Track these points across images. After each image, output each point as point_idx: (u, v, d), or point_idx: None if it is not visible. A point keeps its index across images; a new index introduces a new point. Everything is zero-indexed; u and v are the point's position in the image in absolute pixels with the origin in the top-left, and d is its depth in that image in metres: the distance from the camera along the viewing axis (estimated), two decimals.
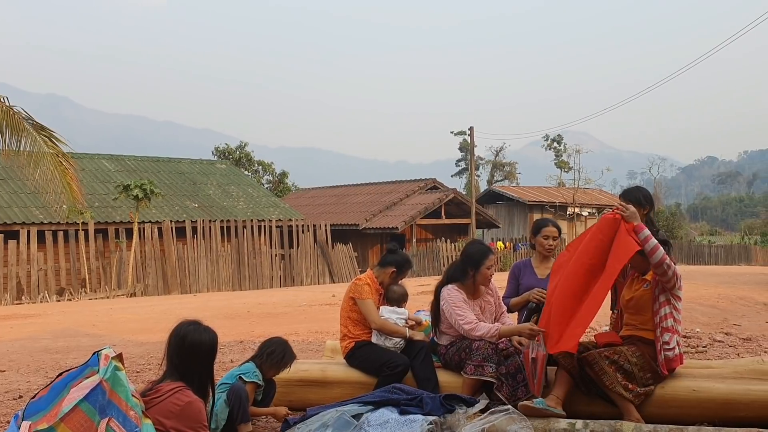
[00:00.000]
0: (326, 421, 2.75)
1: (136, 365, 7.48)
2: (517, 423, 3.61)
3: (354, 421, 2.72)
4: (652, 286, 4.59)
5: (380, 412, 2.78)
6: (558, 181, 55.88)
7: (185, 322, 3.53)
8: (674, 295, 4.55)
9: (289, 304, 14.59)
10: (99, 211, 23.23)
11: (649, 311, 4.56)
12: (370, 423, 2.72)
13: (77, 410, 2.86)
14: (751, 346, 7.72)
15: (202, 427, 3.21)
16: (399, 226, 30.47)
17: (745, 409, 4.25)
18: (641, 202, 5.14)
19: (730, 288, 16.57)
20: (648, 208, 5.18)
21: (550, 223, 5.57)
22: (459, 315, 4.83)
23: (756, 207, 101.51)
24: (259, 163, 47.44)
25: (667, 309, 4.51)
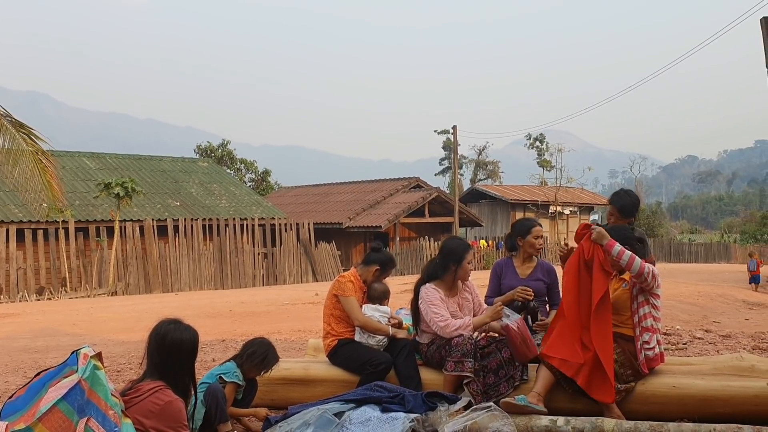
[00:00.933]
0: (308, 420, 2.74)
1: (117, 364, 7.42)
2: (499, 420, 3.62)
3: (336, 420, 2.71)
4: (630, 285, 4.63)
5: (362, 410, 2.77)
6: (540, 179, 56.13)
7: (165, 321, 3.50)
8: (653, 294, 4.59)
9: (272, 302, 14.54)
10: (80, 209, 23.02)
11: (628, 310, 4.60)
12: (351, 421, 2.71)
13: (55, 410, 2.82)
14: (730, 342, 7.80)
15: (182, 426, 3.19)
16: (382, 224, 30.48)
17: (724, 405, 4.29)
18: (624, 211, 5.18)
19: (710, 286, 16.76)
20: (633, 217, 5.22)
21: (535, 222, 5.56)
22: (435, 313, 4.84)
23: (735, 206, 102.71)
24: (242, 162, 47.21)
25: (647, 308, 4.55)
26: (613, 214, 5.22)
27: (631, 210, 5.18)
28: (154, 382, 3.27)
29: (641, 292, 4.58)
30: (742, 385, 4.32)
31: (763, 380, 4.33)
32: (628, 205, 5.15)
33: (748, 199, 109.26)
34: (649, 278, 4.46)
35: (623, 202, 5.14)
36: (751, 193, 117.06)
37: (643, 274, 4.43)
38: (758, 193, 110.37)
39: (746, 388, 4.30)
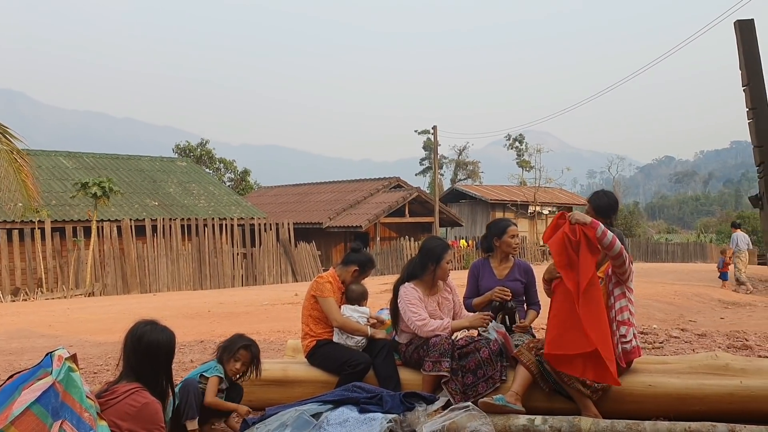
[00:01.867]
0: (285, 421, 2.72)
1: (94, 366, 7.35)
2: (477, 420, 3.63)
3: (313, 421, 2.70)
4: (606, 281, 4.66)
5: (340, 411, 2.76)
6: (520, 180, 56.46)
7: (142, 322, 3.47)
8: (628, 288, 4.63)
9: (251, 303, 14.48)
10: (56, 209, 22.74)
11: (605, 306, 4.62)
12: (329, 422, 2.71)
13: (28, 413, 2.78)
14: (705, 341, 7.89)
15: (159, 428, 3.16)
16: (363, 224, 30.46)
17: (699, 403, 4.34)
18: (599, 210, 5.22)
19: (687, 285, 16.95)
20: (611, 218, 5.25)
21: (510, 222, 5.59)
22: (413, 312, 4.86)
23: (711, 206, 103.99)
24: (221, 161, 46.94)
25: (623, 302, 4.58)
26: (590, 213, 5.26)
27: (607, 210, 5.22)
28: (130, 383, 3.24)
29: (617, 285, 4.61)
30: (717, 384, 4.38)
31: (738, 378, 4.39)
32: (604, 205, 5.19)
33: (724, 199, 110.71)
34: (626, 264, 4.50)
35: (599, 201, 5.18)
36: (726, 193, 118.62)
37: (622, 256, 4.46)
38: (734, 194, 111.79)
39: (721, 386, 4.35)
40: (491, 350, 4.78)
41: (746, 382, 4.32)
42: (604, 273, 4.69)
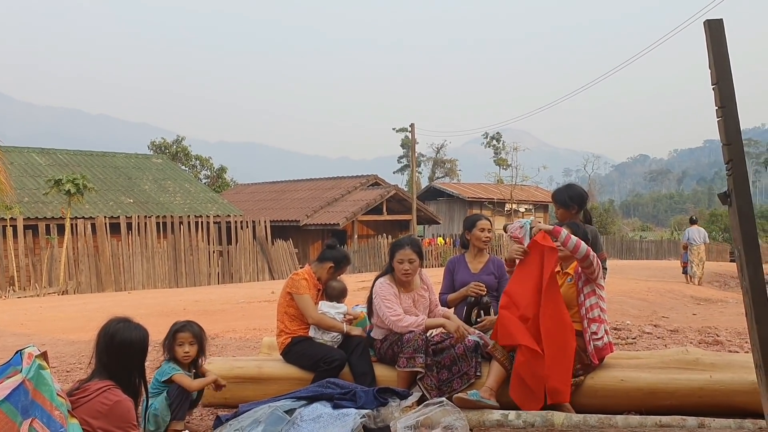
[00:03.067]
0: (258, 417, 2.72)
1: (67, 364, 7.26)
2: (451, 415, 3.65)
3: (287, 417, 2.69)
4: (576, 279, 4.71)
5: (313, 407, 2.77)
6: (497, 178, 56.74)
7: (114, 320, 3.44)
8: (598, 285, 4.68)
9: (227, 301, 14.39)
10: (29, 206, 22.43)
11: (575, 305, 4.67)
12: (303, 418, 2.70)
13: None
14: (678, 337, 8.00)
15: (131, 426, 3.13)
16: (340, 222, 30.42)
17: (669, 397, 4.40)
18: (566, 203, 5.26)
19: (660, 282, 17.17)
20: (575, 208, 5.29)
21: (482, 216, 5.66)
22: (387, 308, 4.88)
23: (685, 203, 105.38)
24: (197, 158, 46.52)
25: (593, 299, 4.63)
26: (558, 209, 5.31)
27: (572, 199, 5.25)
28: (102, 381, 3.20)
29: (587, 283, 4.66)
30: (687, 378, 4.44)
31: (708, 373, 4.46)
32: (567, 197, 5.22)
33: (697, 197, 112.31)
34: (594, 264, 4.55)
35: (561, 196, 5.21)
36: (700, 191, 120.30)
37: (588, 257, 4.51)
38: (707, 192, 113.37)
39: (691, 380, 4.42)
40: (466, 346, 4.82)
41: (716, 377, 4.39)
42: (574, 271, 4.74)
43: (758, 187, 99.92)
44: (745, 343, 7.28)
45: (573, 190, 5.31)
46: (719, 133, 3.46)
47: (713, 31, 3.42)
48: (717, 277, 20.47)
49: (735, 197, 3.40)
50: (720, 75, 3.38)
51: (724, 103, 3.40)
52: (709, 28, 3.42)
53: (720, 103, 3.41)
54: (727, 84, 3.39)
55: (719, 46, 3.39)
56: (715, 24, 3.41)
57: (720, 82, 3.38)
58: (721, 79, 3.38)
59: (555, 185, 60.11)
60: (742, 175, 3.42)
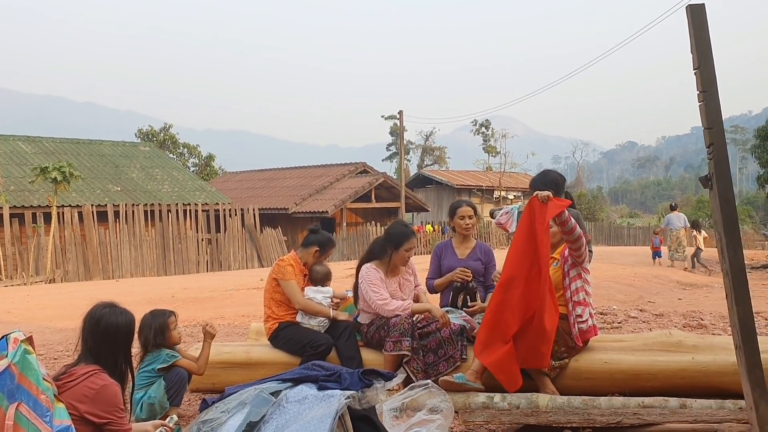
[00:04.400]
0: (244, 399, 2.74)
1: (55, 352, 7.26)
2: (436, 397, 3.69)
3: (272, 398, 2.72)
4: (562, 262, 4.75)
5: (299, 389, 2.79)
6: (486, 165, 56.81)
7: (100, 305, 3.43)
8: (584, 269, 4.73)
9: (216, 288, 14.40)
10: (14, 194, 22.28)
11: (560, 288, 4.72)
12: (288, 400, 2.73)
13: None
14: (662, 321, 8.09)
15: (118, 410, 3.13)
16: (329, 210, 30.40)
17: (652, 379, 4.46)
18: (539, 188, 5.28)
19: (646, 267, 17.31)
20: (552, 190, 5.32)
21: (464, 203, 5.68)
22: (374, 292, 4.92)
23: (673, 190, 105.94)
24: (185, 146, 46.26)
25: (579, 283, 4.68)
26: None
27: (547, 184, 5.26)
28: (88, 366, 3.20)
29: (573, 266, 4.70)
30: (670, 360, 4.51)
31: (690, 355, 4.53)
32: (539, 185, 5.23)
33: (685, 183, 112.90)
34: (583, 247, 4.60)
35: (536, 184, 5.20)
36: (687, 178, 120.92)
37: (580, 239, 4.56)
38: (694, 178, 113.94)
39: (673, 362, 4.49)
40: (452, 330, 4.86)
41: (698, 358, 4.46)
42: (560, 255, 4.78)
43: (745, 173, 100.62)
44: (728, 327, 7.37)
45: (547, 177, 5.32)
46: (701, 118, 3.49)
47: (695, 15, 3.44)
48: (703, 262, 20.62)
49: (716, 181, 3.44)
50: (701, 59, 3.41)
51: (706, 88, 3.43)
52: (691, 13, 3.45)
53: (701, 88, 3.44)
54: (709, 68, 3.42)
55: (701, 31, 3.41)
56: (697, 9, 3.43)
57: (701, 67, 3.41)
58: (703, 63, 3.41)
59: None
60: (723, 159, 3.46)
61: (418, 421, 3.57)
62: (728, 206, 3.45)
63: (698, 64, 3.42)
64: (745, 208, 51.06)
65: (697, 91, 3.47)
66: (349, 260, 25.18)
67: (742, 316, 3.34)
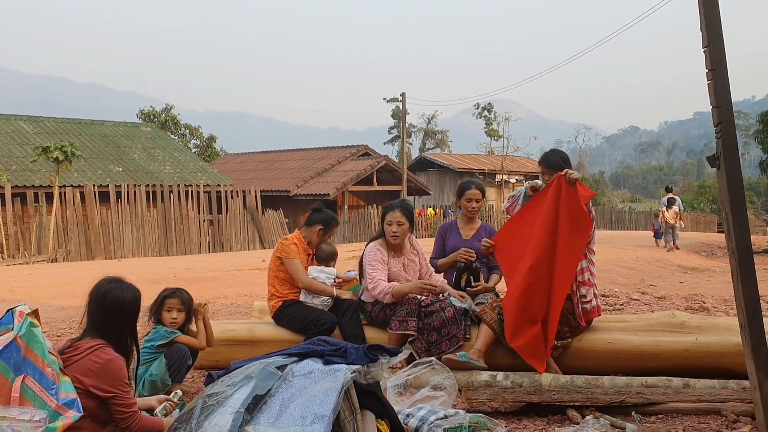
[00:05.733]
0: (250, 373, 2.74)
1: (57, 329, 7.29)
2: (439, 374, 3.70)
3: (278, 372, 2.72)
4: None
5: (305, 363, 2.79)
6: (488, 148, 56.65)
7: (106, 279, 3.43)
8: (590, 249, 4.72)
9: (218, 269, 14.42)
10: (16, 174, 22.27)
11: None
12: (294, 374, 2.73)
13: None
14: (664, 303, 8.10)
15: (122, 384, 3.14)
16: (330, 192, 30.38)
17: (655, 359, 4.47)
18: (559, 166, 5.27)
19: (648, 251, 17.32)
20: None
21: (473, 185, 5.63)
22: (368, 273, 4.98)
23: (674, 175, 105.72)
24: (186, 127, 46.10)
25: (584, 263, 4.67)
26: (544, 172, 5.31)
27: (560, 164, 5.26)
28: (94, 340, 3.21)
29: None
30: (673, 340, 4.51)
31: (693, 335, 4.53)
32: (556, 161, 5.22)
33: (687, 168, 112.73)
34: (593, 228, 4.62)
35: (551, 159, 5.20)
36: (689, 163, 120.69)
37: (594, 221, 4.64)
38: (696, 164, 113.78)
39: (677, 342, 4.49)
40: (456, 309, 4.86)
41: (701, 339, 4.46)
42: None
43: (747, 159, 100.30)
44: (731, 310, 7.38)
45: (563, 153, 5.32)
46: (709, 96, 3.46)
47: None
48: (704, 246, 20.68)
49: (723, 160, 3.41)
50: (711, 37, 3.37)
51: (715, 66, 3.40)
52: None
53: (710, 66, 3.41)
54: (718, 46, 3.39)
55: (711, 8, 3.38)
56: None
57: (711, 45, 3.38)
58: (712, 41, 3.37)
59: None
60: (731, 138, 3.43)
61: (422, 397, 3.59)
62: (735, 186, 3.43)
63: (708, 41, 3.39)
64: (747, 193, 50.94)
65: (705, 69, 3.44)
66: (350, 243, 25.23)
67: (747, 295, 3.33)
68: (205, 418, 2.65)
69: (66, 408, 2.88)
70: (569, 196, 4.55)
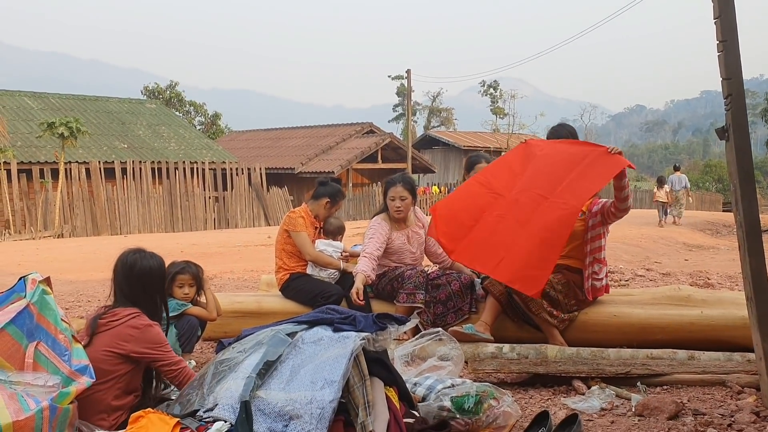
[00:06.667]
0: (261, 340, 2.78)
1: (65, 302, 7.35)
2: (446, 345, 3.73)
3: (289, 339, 2.75)
4: (587, 216, 4.70)
5: (314, 331, 2.82)
6: (493, 126, 56.38)
7: (130, 251, 3.50)
8: (607, 229, 4.74)
9: (224, 244, 14.49)
10: (22, 150, 22.29)
11: (579, 240, 4.65)
12: (304, 341, 2.77)
13: (4, 333, 2.78)
14: (669, 279, 8.12)
15: (163, 346, 3.23)
16: (335, 170, 30.32)
17: (660, 332, 4.49)
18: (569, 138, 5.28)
19: (653, 229, 17.31)
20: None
21: (483, 159, 5.65)
22: (364, 243, 5.02)
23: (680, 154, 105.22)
24: (191, 104, 46.00)
25: (601, 242, 4.67)
26: None
27: (573, 135, 5.29)
28: (128, 308, 3.27)
29: (600, 224, 4.66)
30: (679, 314, 4.53)
31: (698, 309, 4.55)
32: (565, 135, 5.24)
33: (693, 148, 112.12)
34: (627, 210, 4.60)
35: (560, 133, 5.22)
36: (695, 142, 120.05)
37: (628, 201, 4.56)
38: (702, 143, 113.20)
39: (682, 316, 4.51)
40: (462, 283, 4.89)
41: (707, 312, 4.48)
42: (588, 208, 4.73)
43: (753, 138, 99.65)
44: (735, 286, 7.39)
45: (570, 127, 5.34)
46: (719, 68, 3.45)
47: None
48: (709, 225, 20.65)
49: (732, 132, 3.41)
50: (723, 8, 3.35)
51: (726, 37, 3.38)
52: None
53: (721, 37, 3.39)
54: (729, 17, 3.37)
55: None
56: None
57: (722, 16, 3.36)
58: (724, 12, 3.35)
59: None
60: (741, 110, 3.42)
61: (429, 367, 3.62)
62: (744, 158, 3.42)
63: (719, 12, 3.36)
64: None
65: (716, 41, 3.42)
66: (354, 220, 25.23)
67: (754, 267, 3.34)
68: (216, 383, 2.69)
69: (79, 374, 2.91)
70: (603, 164, 4.47)
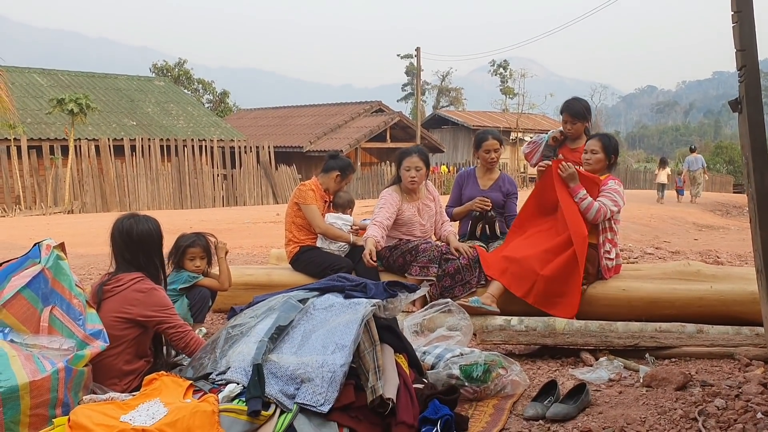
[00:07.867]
0: (273, 306, 2.81)
1: (77, 274, 7.34)
2: (455, 316, 3.75)
3: (300, 305, 2.78)
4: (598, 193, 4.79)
5: (325, 297, 2.85)
6: (503, 106, 56.08)
7: (123, 217, 3.51)
8: (615, 220, 4.81)
9: (233, 221, 14.54)
10: (32, 127, 22.35)
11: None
12: (315, 307, 2.79)
13: (19, 297, 2.83)
14: (678, 258, 8.09)
15: (169, 309, 3.26)
16: (344, 149, 30.25)
17: (670, 306, 4.50)
18: (584, 115, 5.30)
19: (662, 209, 17.27)
20: (588, 120, 5.37)
21: (490, 135, 5.62)
22: (375, 213, 5.06)
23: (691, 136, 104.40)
24: (199, 82, 45.88)
25: (612, 223, 4.76)
26: (567, 120, 5.32)
27: (584, 113, 5.30)
28: (132, 273, 3.30)
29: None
30: (688, 288, 4.54)
31: (708, 284, 4.55)
32: (580, 109, 5.25)
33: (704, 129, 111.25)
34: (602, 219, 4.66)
35: (575, 107, 5.23)
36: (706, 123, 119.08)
37: (598, 220, 4.66)
38: (713, 124, 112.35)
39: (692, 290, 4.51)
40: (471, 257, 4.90)
41: (716, 287, 4.48)
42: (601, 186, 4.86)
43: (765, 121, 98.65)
44: (745, 265, 7.38)
45: (585, 102, 5.36)
46: (734, 39, 3.41)
47: None
48: (719, 206, 20.57)
49: (746, 104, 3.38)
50: None
51: (741, 8, 3.34)
52: None
53: (736, 8, 3.35)
54: None
55: None
56: None
57: None
58: None
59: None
60: (755, 82, 3.39)
61: (438, 336, 3.65)
62: (758, 130, 3.40)
63: None
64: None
65: (731, 11, 3.39)
66: (363, 199, 25.26)
67: (765, 239, 3.33)
68: (229, 347, 2.72)
69: (93, 338, 2.96)
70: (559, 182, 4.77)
